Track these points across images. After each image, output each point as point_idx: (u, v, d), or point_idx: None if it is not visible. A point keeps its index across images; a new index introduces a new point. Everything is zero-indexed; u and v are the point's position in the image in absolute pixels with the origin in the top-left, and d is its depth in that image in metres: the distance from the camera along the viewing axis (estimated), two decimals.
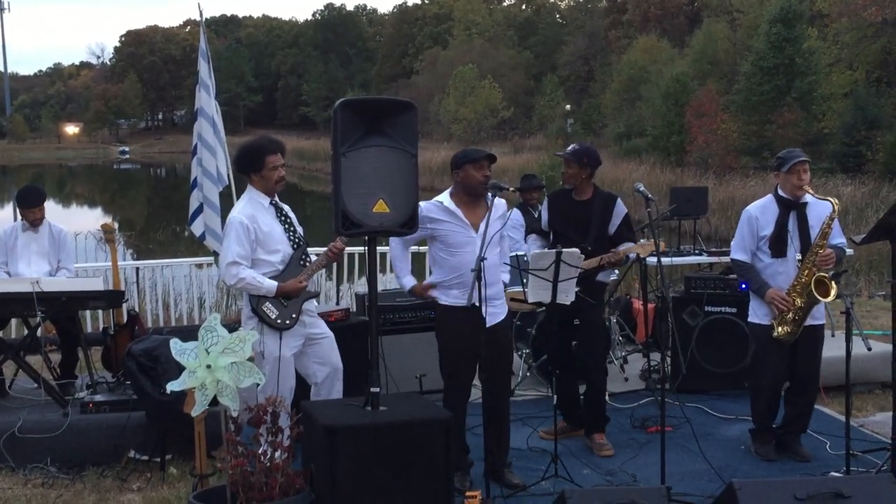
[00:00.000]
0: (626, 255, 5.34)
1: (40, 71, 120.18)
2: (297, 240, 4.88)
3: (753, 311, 5.27)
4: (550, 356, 5.85)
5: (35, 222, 6.20)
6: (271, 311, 4.67)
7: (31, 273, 5.98)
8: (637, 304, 7.68)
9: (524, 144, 46.28)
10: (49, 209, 6.49)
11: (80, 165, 72.93)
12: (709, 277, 6.81)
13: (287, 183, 5.07)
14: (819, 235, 4.97)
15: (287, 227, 4.86)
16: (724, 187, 26.05)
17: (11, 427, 5.05)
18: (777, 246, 5.09)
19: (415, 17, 77.64)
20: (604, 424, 5.48)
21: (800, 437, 5.29)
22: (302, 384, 4.91)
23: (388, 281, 8.73)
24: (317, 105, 78.31)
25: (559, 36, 62.42)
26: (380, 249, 7.53)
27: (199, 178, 7.19)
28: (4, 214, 28.57)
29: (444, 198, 4.84)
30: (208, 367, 3.83)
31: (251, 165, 4.79)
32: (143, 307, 9.13)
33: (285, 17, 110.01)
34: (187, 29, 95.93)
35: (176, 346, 3.90)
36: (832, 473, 4.72)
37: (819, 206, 5.06)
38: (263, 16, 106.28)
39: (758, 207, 5.23)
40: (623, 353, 7.23)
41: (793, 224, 5.07)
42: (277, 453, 3.77)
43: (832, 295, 4.88)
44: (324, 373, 4.88)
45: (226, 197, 7.23)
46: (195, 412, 3.92)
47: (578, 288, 5.04)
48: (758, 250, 5.19)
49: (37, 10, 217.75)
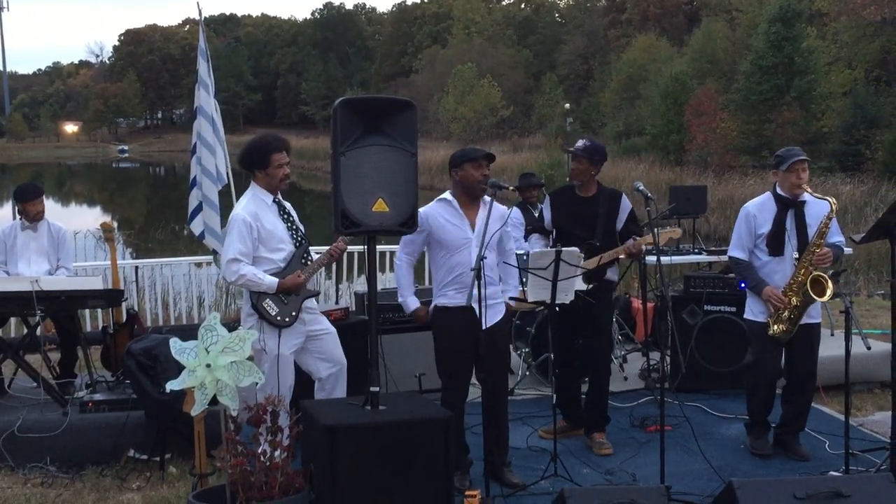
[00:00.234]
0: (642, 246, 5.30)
1: (39, 70, 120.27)
2: (300, 238, 4.88)
3: (750, 308, 5.27)
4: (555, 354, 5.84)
5: (37, 216, 6.18)
6: (271, 308, 4.67)
7: (31, 272, 5.98)
8: (636, 303, 7.68)
9: (523, 143, 46.26)
10: (48, 208, 6.49)
11: (79, 164, 72.91)
12: (708, 276, 6.82)
13: None
14: (816, 234, 4.97)
15: (289, 225, 4.86)
16: (724, 186, 26.09)
17: (11, 426, 5.05)
18: (774, 244, 5.09)
19: (414, 15, 77.58)
20: (604, 424, 5.48)
21: (798, 437, 5.29)
22: (302, 383, 4.90)
23: (388, 280, 8.73)
24: (316, 104, 78.32)
25: (558, 35, 62.37)
26: (379, 248, 7.56)
27: (198, 177, 7.19)
28: (4, 213, 28.53)
29: (445, 195, 4.86)
30: (208, 366, 3.83)
31: (256, 163, 4.79)
32: (143, 306, 9.13)
33: (284, 16, 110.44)
34: (186, 28, 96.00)
35: (175, 345, 3.89)
36: (831, 473, 4.72)
37: (817, 205, 5.06)
38: (262, 15, 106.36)
39: (756, 205, 5.23)
40: (622, 353, 7.23)
41: (790, 222, 5.07)
42: (277, 452, 3.77)
43: (828, 294, 4.88)
44: (327, 368, 4.87)
45: (225, 195, 7.23)
46: (195, 411, 3.91)
47: (591, 285, 5.05)
48: (755, 248, 5.19)
49: (36, 9, 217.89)
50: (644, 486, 4.43)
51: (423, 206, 4.70)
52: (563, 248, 4.82)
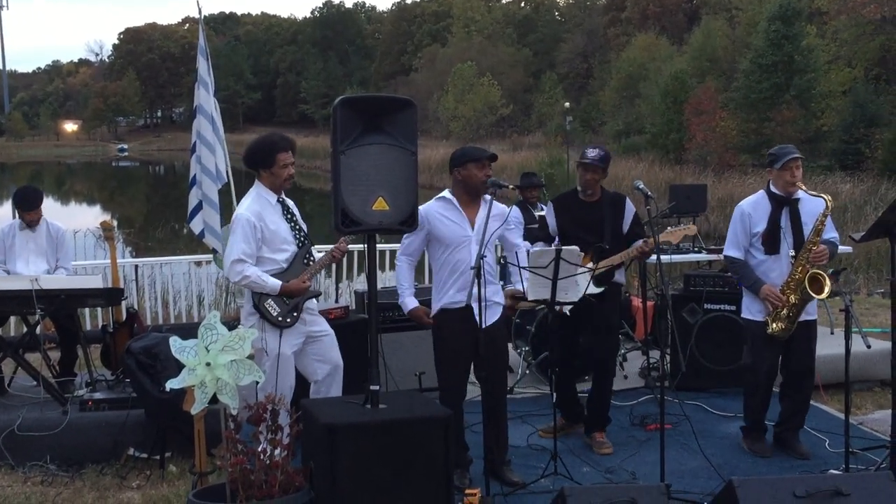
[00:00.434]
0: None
1: (39, 68, 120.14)
2: (302, 238, 4.88)
3: (747, 307, 5.27)
4: (554, 354, 5.84)
5: (32, 223, 6.20)
6: (273, 309, 4.67)
7: (30, 272, 5.97)
8: (636, 302, 7.67)
9: (523, 142, 46.24)
10: (48, 207, 6.49)
11: (78, 163, 72.86)
12: (708, 275, 6.82)
13: None
14: (812, 232, 4.96)
15: (293, 225, 4.86)
16: (723, 185, 26.11)
17: (11, 425, 5.05)
18: (770, 242, 5.09)
19: (413, 14, 77.56)
20: (605, 424, 5.48)
21: (798, 435, 5.29)
22: (301, 383, 4.91)
23: (388, 279, 8.74)
24: (315, 102, 78.29)
25: (558, 33, 62.37)
26: (379, 247, 7.54)
27: (198, 176, 7.18)
28: (3, 212, 28.52)
29: (444, 193, 4.85)
30: (208, 364, 3.82)
31: (262, 162, 4.78)
32: (143, 305, 9.13)
33: (284, 15, 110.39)
34: (186, 26, 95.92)
35: (175, 343, 3.89)
36: (831, 471, 4.71)
37: (812, 203, 5.05)
38: (262, 13, 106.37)
39: (750, 204, 5.21)
40: (622, 351, 7.22)
41: (785, 220, 5.07)
42: (277, 451, 3.77)
43: (826, 292, 4.87)
44: (324, 370, 4.87)
45: (225, 194, 7.22)
46: (195, 410, 3.91)
47: (602, 289, 5.05)
48: (751, 247, 5.18)
49: (35, 8, 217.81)
50: (644, 485, 4.43)
51: (423, 204, 4.70)
52: (563, 247, 4.81)
